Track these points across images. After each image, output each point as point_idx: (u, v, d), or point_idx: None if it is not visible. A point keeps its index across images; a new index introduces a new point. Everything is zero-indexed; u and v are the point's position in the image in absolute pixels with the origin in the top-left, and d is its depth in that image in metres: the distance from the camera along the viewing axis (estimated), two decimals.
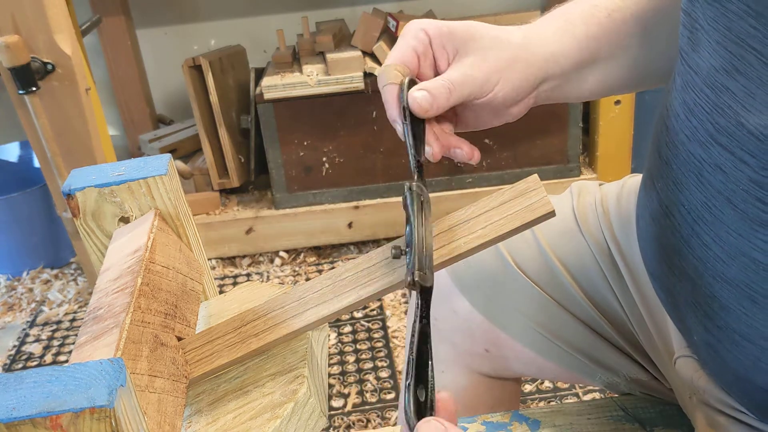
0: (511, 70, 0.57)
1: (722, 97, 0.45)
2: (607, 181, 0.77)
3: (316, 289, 0.51)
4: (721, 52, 0.45)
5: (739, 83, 0.44)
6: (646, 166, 0.59)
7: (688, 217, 0.51)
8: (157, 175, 0.55)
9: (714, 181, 0.47)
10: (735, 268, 0.47)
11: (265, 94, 1.74)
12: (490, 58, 0.56)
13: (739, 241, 0.46)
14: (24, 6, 1.39)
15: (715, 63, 0.46)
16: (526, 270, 0.72)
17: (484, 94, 0.56)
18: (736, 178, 0.45)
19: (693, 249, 0.51)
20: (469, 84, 0.55)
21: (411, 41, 0.57)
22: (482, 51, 0.56)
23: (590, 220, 0.72)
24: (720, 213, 0.47)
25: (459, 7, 2.06)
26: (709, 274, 0.50)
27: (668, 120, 0.53)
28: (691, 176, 0.49)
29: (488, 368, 0.78)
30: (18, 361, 1.68)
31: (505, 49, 0.57)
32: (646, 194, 0.59)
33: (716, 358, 0.53)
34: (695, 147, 0.48)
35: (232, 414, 0.47)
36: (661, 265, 0.57)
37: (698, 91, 0.48)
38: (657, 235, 0.56)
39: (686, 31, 0.50)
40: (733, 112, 0.44)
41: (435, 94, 0.54)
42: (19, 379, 0.37)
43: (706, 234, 0.49)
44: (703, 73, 0.47)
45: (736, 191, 0.45)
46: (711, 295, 0.50)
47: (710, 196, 0.48)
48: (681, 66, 0.51)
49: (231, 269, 1.94)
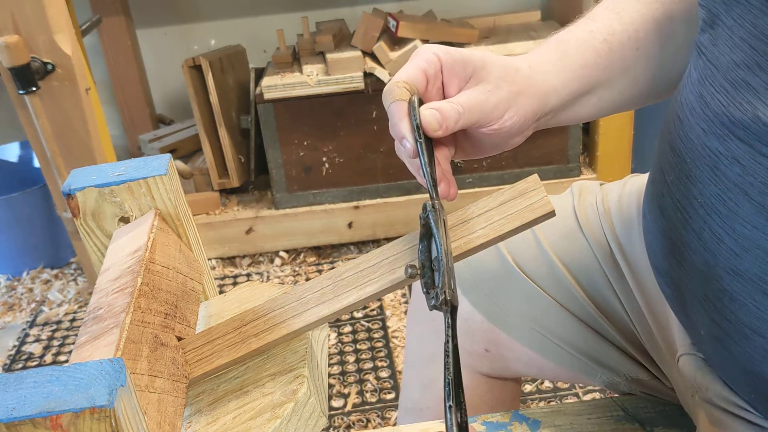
0: (520, 101, 0.57)
1: (742, 92, 0.46)
2: (607, 181, 0.77)
3: (316, 289, 0.51)
4: (743, 47, 0.45)
5: (760, 79, 0.44)
6: (655, 160, 0.59)
7: (701, 210, 0.51)
8: (157, 175, 0.55)
9: (730, 174, 0.47)
10: (748, 261, 0.47)
11: (265, 94, 1.74)
12: (502, 88, 0.56)
13: (754, 233, 0.46)
14: (24, 6, 1.39)
15: (736, 58, 0.46)
16: (527, 270, 0.72)
17: (491, 122, 0.56)
18: (754, 170, 0.45)
19: (705, 242, 0.51)
20: (478, 110, 0.55)
21: (421, 63, 0.56)
22: (495, 79, 0.56)
23: (591, 220, 0.72)
24: (735, 205, 0.47)
25: (459, 7, 2.06)
26: (720, 267, 0.50)
27: (682, 113, 0.53)
28: (706, 169, 0.50)
29: (488, 368, 0.79)
30: (18, 361, 1.68)
31: (514, 79, 0.57)
32: (654, 189, 0.59)
33: (723, 352, 0.53)
34: (711, 140, 0.49)
35: (232, 414, 0.47)
36: (670, 259, 0.57)
37: (717, 86, 0.48)
38: (666, 229, 0.56)
39: (706, 26, 0.50)
40: (751, 107, 0.45)
41: (445, 115, 0.53)
42: (19, 379, 0.37)
43: (719, 227, 0.49)
44: (723, 67, 0.47)
45: (753, 183, 0.45)
46: (721, 288, 0.50)
47: (725, 189, 0.48)
48: (698, 60, 0.51)
49: (231, 269, 1.94)
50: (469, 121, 0.55)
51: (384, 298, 1.76)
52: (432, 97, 0.57)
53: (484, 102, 0.55)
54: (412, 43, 1.71)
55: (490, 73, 0.56)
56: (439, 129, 0.53)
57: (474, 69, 0.56)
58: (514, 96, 0.57)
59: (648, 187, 0.62)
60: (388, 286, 0.49)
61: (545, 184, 0.50)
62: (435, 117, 0.53)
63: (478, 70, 0.56)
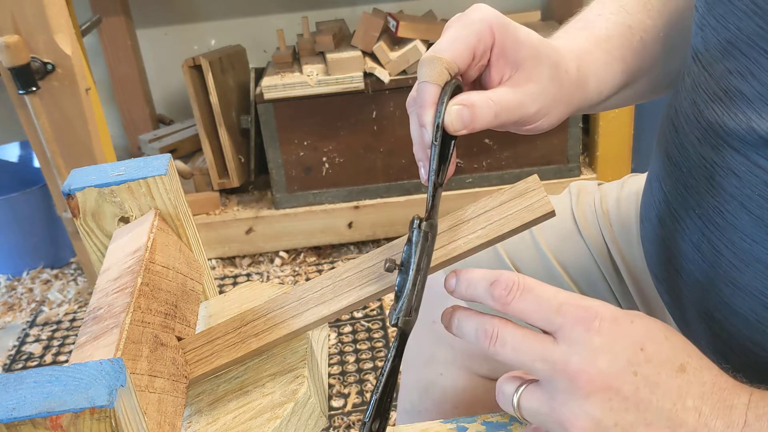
0: (561, 108, 0.53)
1: (736, 101, 0.44)
2: (606, 181, 0.76)
3: (316, 289, 0.51)
4: (733, 53, 0.44)
5: (754, 88, 0.42)
6: (652, 166, 0.58)
7: (699, 222, 0.49)
8: (157, 175, 0.55)
9: (727, 186, 0.46)
10: (748, 275, 0.46)
11: (265, 94, 1.74)
12: (548, 92, 0.51)
13: (754, 247, 0.45)
14: (24, 6, 1.39)
15: (729, 65, 0.44)
16: (525, 271, 0.72)
17: (525, 123, 0.51)
18: (750, 182, 0.44)
19: (703, 254, 0.49)
20: (518, 112, 0.49)
21: (472, 39, 0.48)
22: (543, 81, 0.50)
23: (589, 221, 0.71)
24: (733, 218, 0.46)
25: (459, 7, 2.05)
26: (720, 280, 0.48)
27: (676, 121, 0.52)
28: (702, 180, 0.48)
29: (487, 369, 0.78)
30: (18, 361, 1.68)
31: (563, 85, 0.52)
32: (652, 196, 0.58)
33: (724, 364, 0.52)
34: (707, 150, 0.47)
35: (232, 414, 0.47)
36: (668, 268, 0.56)
37: (711, 93, 0.46)
38: (664, 237, 0.55)
39: (698, 28, 0.48)
40: (745, 117, 0.43)
41: (478, 115, 0.47)
42: (19, 379, 0.37)
43: (717, 239, 0.48)
44: (716, 74, 0.46)
45: (751, 196, 0.44)
46: (721, 301, 0.49)
47: (723, 201, 0.46)
48: (693, 65, 0.49)
49: (231, 269, 1.94)
50: (507, 120, 0.49)
51: (384, 298, 1.76)
52: (471, 74, 0.50)
53: (526, 106, 0.50)
54: (412, 43, 1.71)
55: (541, 72, 0.50)
56: (464, 129, 0.47)
57: (526, 58, 0.49)
58: (559, 101, 0.52)
59: (645, 193, 0.61)
60: (389, 286, 0.49)
61: (545, 184, 0.49)
62: (461, 117, 0.46)
63: (529, 60, 0.49)
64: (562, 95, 0.52)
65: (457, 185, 1.88)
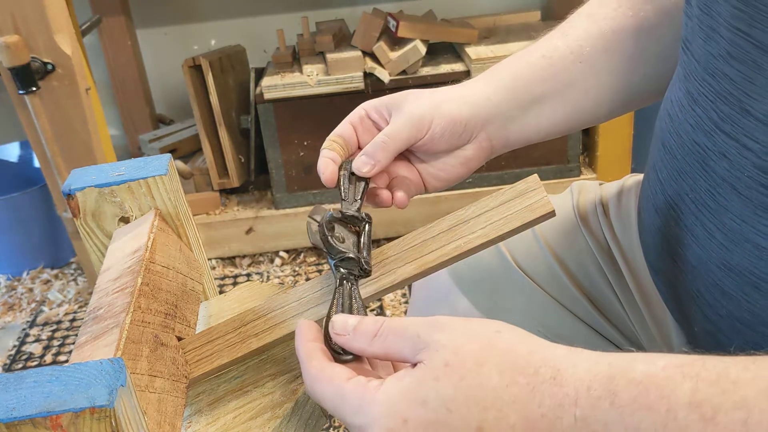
0: (444, 107, 0.60)
1: (723, 84, 0.46)
2: (607, 181, 0.77)
3: (316, 289, 0.51)
4: (715, 38, 0.46)
5: (736, 69, 0.44)
6: (650, 158, 0.59)
7: (692, 206, 0.51)
8: (157, 175, 0.55)
9: (719, 169, 0.48)
10: (738, 255, 0.48)
11: (265, 94, 1.74)
12: (421, 101, 0.61)
13: (743, 227, 0.47)
14: (24, 6, 1.39)
15: (712, 50, 0.46)
16: (527, 269, 0.72)
17: (422, 133, 0.60)
18: (740, 164, 0.46)
19: (697, 238, 0.51)
20: (402, 130, 0.59)
21: (348, 118, 0.63)
22: (411, 103, 0.61)
23: (590, 219, 0.72)
24: (724, 200, 0.48)
25: (459, 7, 2.06)
26: (712, 262, 0.50)
27: (672, 110, 0.54)
28: (696, 165, 0.50)
29: None
30: (18, 361, 1.68)
31: (431, 95, 0.62)
32: (650, 186, 0.59)
33: (716, 347, 0.53)
34: (699, 136, 0.49)
35: (232, 414, 0.47)
36: (664, 257, 0.57)
37: (700, 80, 0.48)
38: (660, 227, 0.57)
39: (686, 18, 0.51)
40: (735, 100, 0.45)
41: (371, 152, 0.59)
42: (19, 379, 0.37)
43: (710, 222, 0.49)
44: (702, 60, 0.48)
45: (740, 178, 0.46)
46: (713, 283, 0.51)
47: (715, 184, 0.48)
48: (683, 55, 0.52)
49: (231, 269, 1.94)
50: (401, 141, 0.59)
51: (384, 298, 1.76)
52: (366, 139, 0.62)
53: (405, 121, 0.59)
54: (412, 43, 1.71)
55: (405, 98, 0.61)
56: (372, 169, 0.58)
57: (395, 103, 0.61)
58: (437, 104, 0.60)
59: (643, 185, 0.62)
60: (388, 286, 0.49)
61: (545, 184, 0.50)
62: (362, 161, 0.58)
63: (399, 103, 0.61)
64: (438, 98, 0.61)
65: (457, 185, 1.87)
